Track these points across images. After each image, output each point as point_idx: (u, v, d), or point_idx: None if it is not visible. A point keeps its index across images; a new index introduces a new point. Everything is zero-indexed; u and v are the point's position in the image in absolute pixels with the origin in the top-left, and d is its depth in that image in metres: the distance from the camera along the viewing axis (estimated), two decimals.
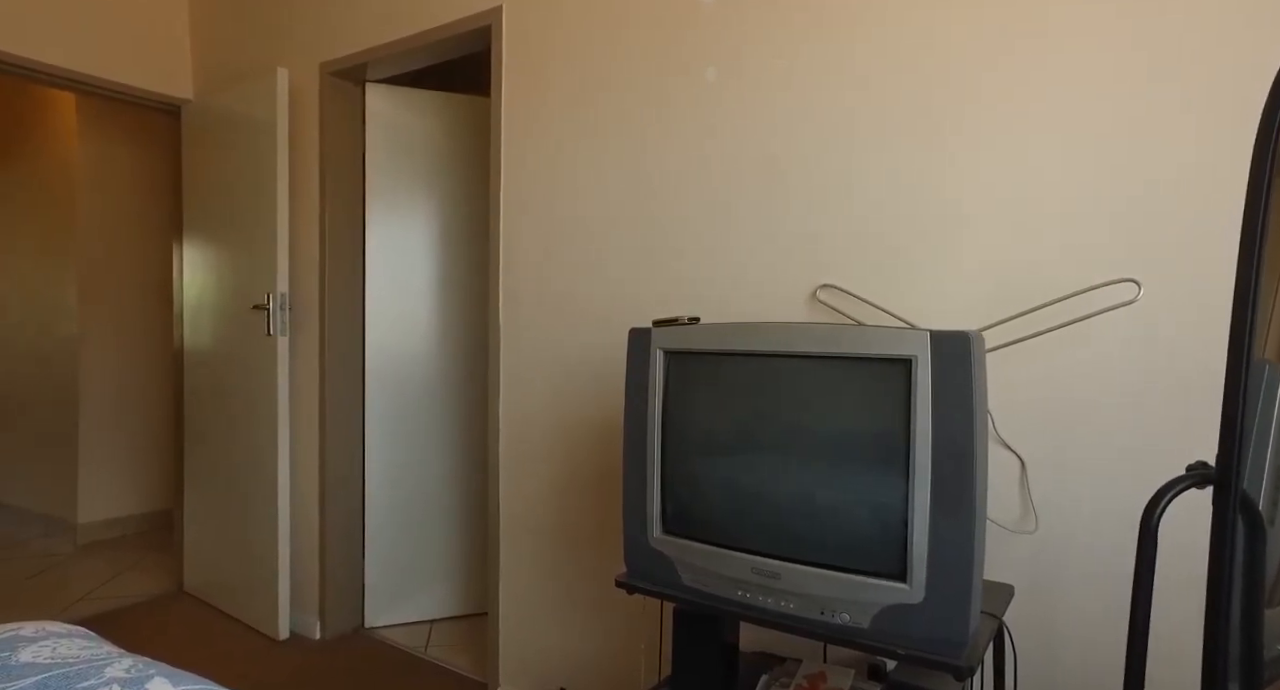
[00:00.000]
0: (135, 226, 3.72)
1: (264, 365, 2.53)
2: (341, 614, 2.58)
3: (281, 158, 2.44)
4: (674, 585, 1.30)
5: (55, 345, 3.63)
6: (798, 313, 1.60)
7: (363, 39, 2.40)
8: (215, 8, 2.86)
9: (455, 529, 2.73)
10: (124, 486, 3.68)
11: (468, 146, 2.72)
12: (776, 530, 1.16)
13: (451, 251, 2.71)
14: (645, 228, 1.81)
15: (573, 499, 1.96)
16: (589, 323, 1.92)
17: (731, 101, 1.68)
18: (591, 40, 1.90)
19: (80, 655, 1.06)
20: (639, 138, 1.82)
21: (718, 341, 1.24)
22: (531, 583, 2.05)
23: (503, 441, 2.09)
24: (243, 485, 2.63)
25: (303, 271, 2.57)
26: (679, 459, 1.31)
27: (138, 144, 3.71)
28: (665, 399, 1.34)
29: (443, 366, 2.70)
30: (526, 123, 2.03)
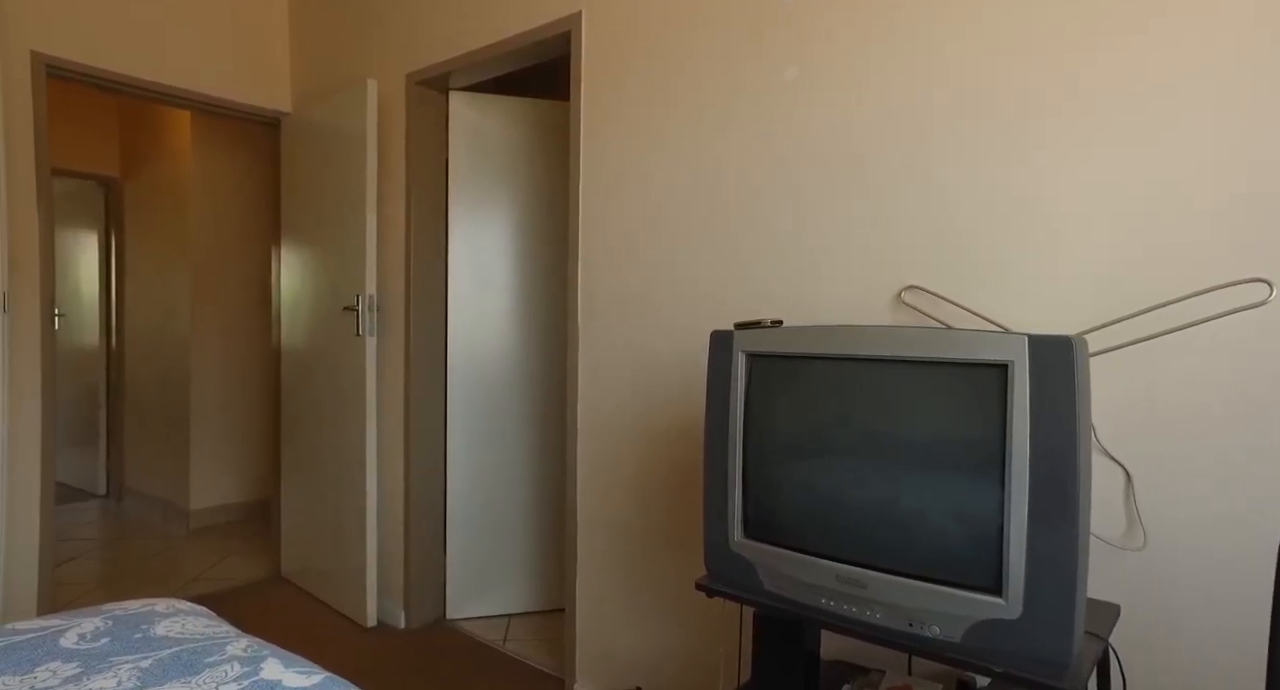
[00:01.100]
0: (239, 233, 3.97)
1: (353, 364, 2.65)
2: (425, 605, 2.67)
3: (371, 165, 2.55)
4: (755, 590, 1.29)
5: (171, 344, 3.92)
6: (881, 315, 1.55)
7: (446, 49, 2.48)
8: (311, 27, 3.02)
9: (533, 525, 2.79)
10: (229, 476, 3.93)
11: (544, 149, 2.78)
12: (862, 538, 1.13)
13: (529, 252, 2.77)
14: (724, 229, 1.80)
15: (650, 499, 1.97)
16: (666, 324, 1.92)
17: (812, 99, 1.64)
18: (669, 42, 1.90)
19: (204, 632, 1.14)
20: (717, 138, 1.81)
21: (803, 345, 1.22)
22: (608, 581, 2.07)
23: (580, 441, 2.12)
24: (333, 478, 2.77)
25: (390, 274, 2.68)
26: (761, 463, 1.29)
27: (242, 156, 3.96)
28: (747, 402, 1.33)
29: (521, 365, 2.76)
30: (604, 125, 2.05)
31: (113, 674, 1.00)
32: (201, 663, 1.04)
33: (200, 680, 0.99)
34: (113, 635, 1.13)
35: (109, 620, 1.18)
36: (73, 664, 1.03)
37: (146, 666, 1.03)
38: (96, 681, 0.98)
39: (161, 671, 1.01)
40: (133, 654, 1.07)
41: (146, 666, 1.03)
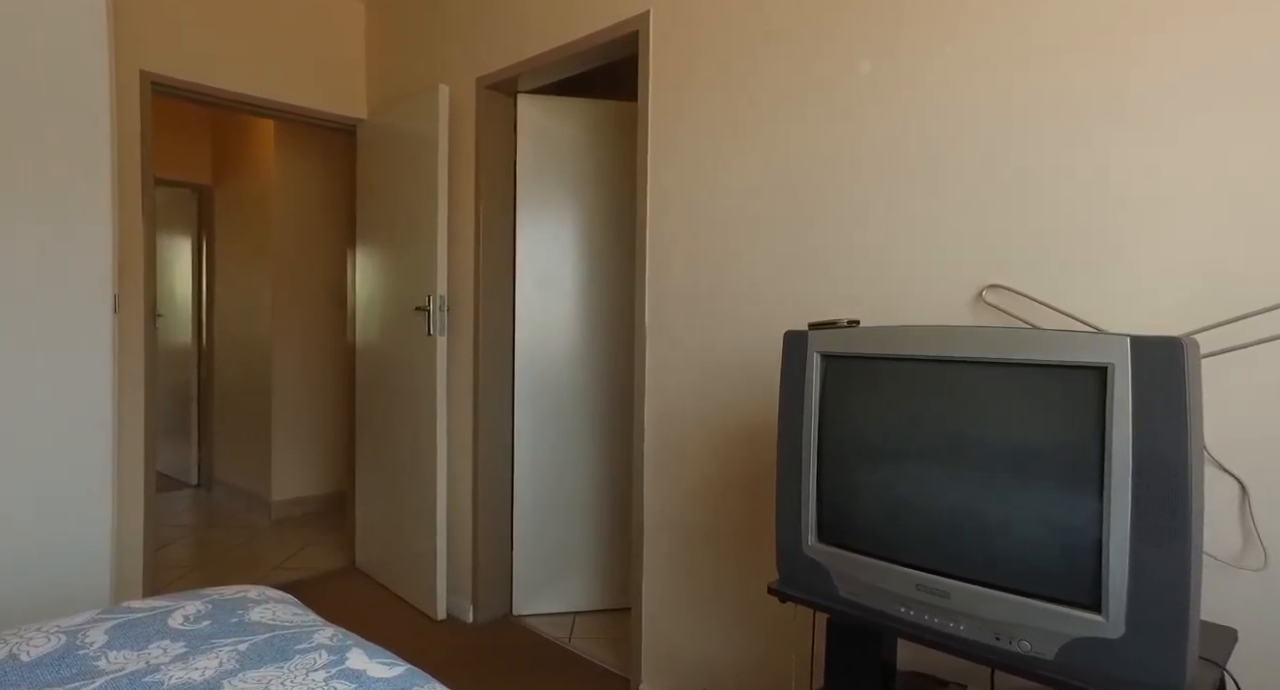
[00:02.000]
0: (317, 236, 4.15)
1: (424, 363, 2.73)
2: (492, 600, 2.73)
3: (442, 168, 2.62)
4: (830, 596, 1.26)
5: (255, 343, 4.13)
6: (960, 315, 1.50)
7: (515, 53, 2.52)
8: (386, 36, 3.12)
9: (597, 524, 2.81)
10: (307, 469, 4.11)
11: (610, 150, 2.79)
12: (945, 546, 1.09)
13: (595, 253, 2.79)
14: (795, 228, 1.77)
15: (718, 500, 1.95)
16: (736, 324, 1.90)
17: (887, 93, 1.60)
18: (737, 38, 1.88)
19: (293, 620, 1.19)
20: (789, 135, 1.78)
21: (881, 345, 1.18)
22: (675, 581, 2.06)
23: (648, 441, 2.13)
24: (405, 474, 2.85)
25: (459, 275, 2.75)
26: (836, 466, 1.27)
27: (321, 162, 4.13)
28: (822, 403, 1.30)
29: (587, 365, 2.79)
30: (672, 124, 2.05)
31: (214, 655, 1.06)
32: (292, 649, 1.09)
33: (291, 666, 1.03)
34: (213, 618, 1.19)
35: (209, 604, 1.25)
36: (179, 643, 1.10)
37: (244, 650, 1.08)
38: (200, 661, 1.04)
39: (257, 656, 1.06)
40: (231, 637, 1.13)
41: (244, 650, 1.08)
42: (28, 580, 1.79)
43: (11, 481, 1.77)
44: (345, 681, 0.99)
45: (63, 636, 1.10)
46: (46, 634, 1.11)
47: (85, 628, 1.13)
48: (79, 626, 1.14)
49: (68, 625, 1.14)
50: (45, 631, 1.11)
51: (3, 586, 1.75)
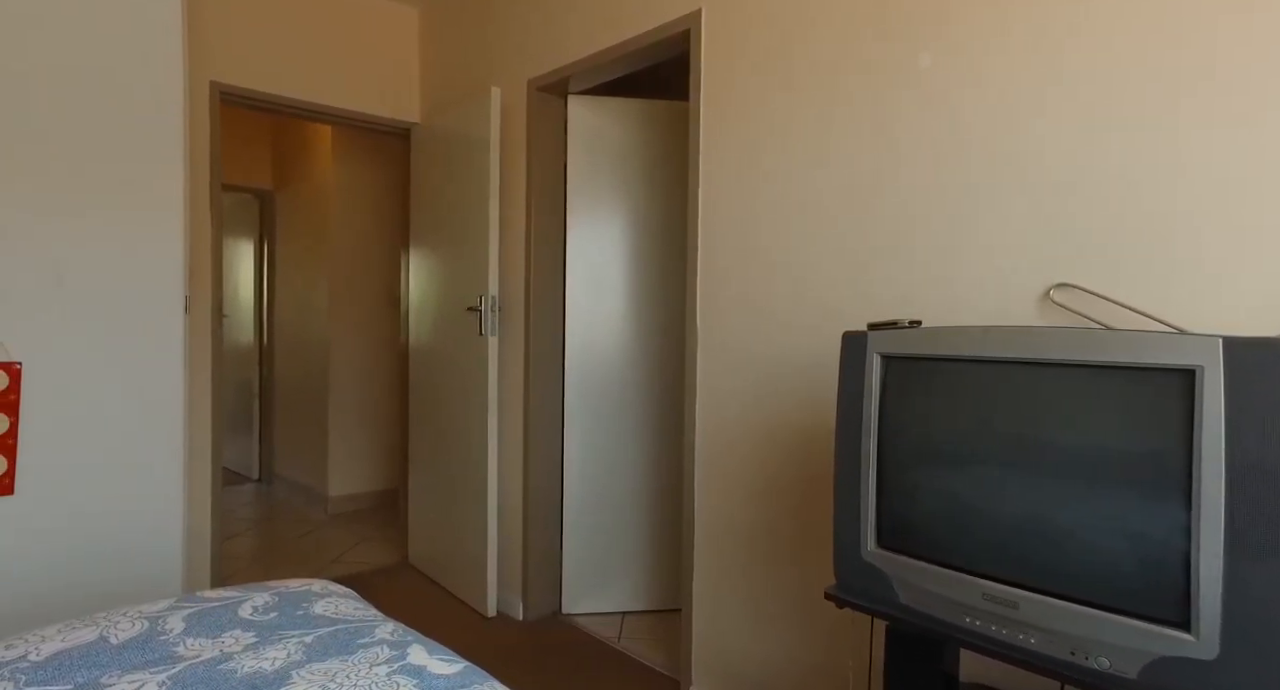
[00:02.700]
0: (373, 238, 4.25)
1: (476, 362, 2.76)
2: (542, 598, 2.75)
3: (494, 169, 2.66)
4: (890, 603, 1.23)
5: (312, 343, 4.26)
6: (1026, 316, 1.44)
7: (566, 54, 2.54)
8: (439, 41, 3.18)
9: (647, 524, 2.81)
10: (362, 466, 4.22)
11: (659, 149, 2.79)
12: (1015, 554, 1.05)
13: (645, 253, 2.79)
14: (851, 227, 1.74)
15: (771, 503, 1.93)
16: (789, 324, 1.87)
17: (948, 87, 1.55)
18: (791, 34, 1.85)
19: (355, 614, 1.22)
20: (844, 132, 1.75)
21: (946, 346, 1.15)
22: (726, 583, 2.05)
23: (699, 442, 2.11)
24: (457, 471, 2.90)
25: (510, 275, 2.78)
26: (897, 470, 1.23)
27: (376, 165, 4.24)
28: (882, 405, 1.27)
29: (636, 365, 2.79)
30: (724, 123, 2.03)
31: (283, 646, 1.09)
32: (355, 643, 1.11)
33: (355, 660, 1.06)
34: (279, 610, 1.23)
35: (276, 596, 1.29)
36: (250, 633, 1.13)
37: (309, 642, 1.11)
38: (270, 651, 1.07)
39: (322, 648, 1.09)
40: (297, 629, 1.16)
41: (309, 642, 1.11)
42: (107, 566, 1.88)
43: (91, 474, 1.86)
44: (407, 677, 1.00)
45: (145, 622, 1.15)
46: (131, 619, 1.16)
47: (165, 615, 1.18)
48: (159, 613, 1.19)
49: (149, 611, 1.19)
50: (130, 616, 1.17)
51: (85, 573, 1.84)
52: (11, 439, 1.75)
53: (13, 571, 1.76)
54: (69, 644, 1.07)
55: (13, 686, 0.97)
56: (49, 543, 1.80)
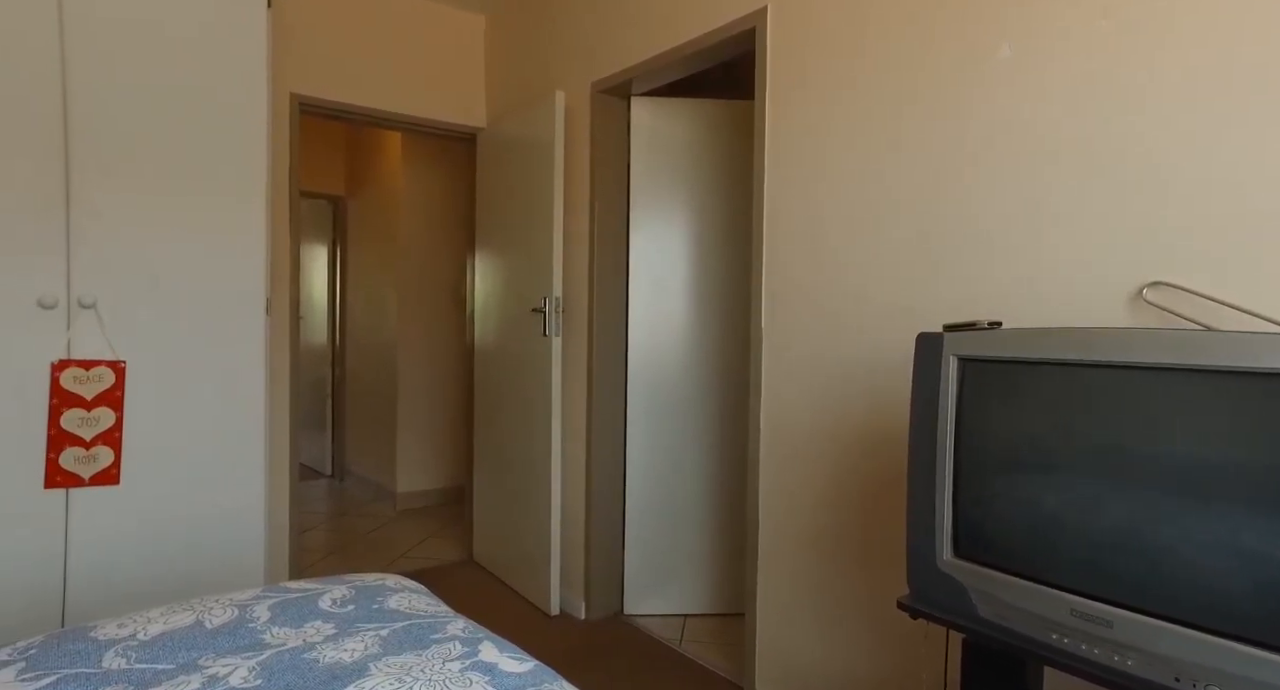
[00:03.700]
0: (440, 241, 4.37)
1: (540, 363, 2.80)
2: (604, 598, 2.77)
3: (558, 171, 2.69)
4: (967, 616, 1.18)
5: (382, 343, 4.40)
6: (1116, 316, 1.37)
7: (629, 56, 2.55)
8: (504, 46, 3.24)
9: (710, 526, 2.79)
10: (429, 463, 4.34)
11: (722, 149, 2.77)
12: (1108, 570, 0.99)
13: (709, 253, 2.77)
14: (925, 226, 1.68)
15: (838, 508, 1.89)
16: (858, 326, 1.83)
17: (1030, 79, 1.48)
18: (860, 28, 1.81)
19: (427, 609, 1.25)
20: (917, 128, 1.69)
21: (1030, 349, 1.10)
22: (792, 589, 2.01)
23: (763, 445, 2.08)
24: (521, 470, 2.95)
25: (574, 277, 2.81)
26: (975, 476, 1.19)
27: (443, 170, 4.35)
28: (959, 410, 1.23)
29: (700, 367, 2.77)
30: (790, 121, 2.00)
31: (360, 639, 1.13)
32: (429, 638, 1.14)
33: (429, 654, 1.08)
34: (356, 603, 1.27)
35: (352, 589, 1.33)
36: (330, 624, 1.18)
37: (385, 636, 1.14)
38: (349, 643, 1.11)
39: (398, 642, 1.12)
40: (373, 623, 1.20)
41: (385, 636, 1.14)
42: (197, 553, 1.98)
43: (183, 467, 1.97)
44: (479, 674, 1.02)
45: (235, 609, 1.21)
46: (224, 606, 1.22)
47: (252, 603, 1.24)
48: (247, 601, 1.24)
49: (239, 599, 1.25)
50: (222, 603, 1.23)
51: (179, 559, 1.95)
52: (118, 432, 1.87)
53: (120, 554, 1.88)
54: (170, 627, 1.14)
55: (125, 662, 1.04)
56: (149, 530, 1.92)
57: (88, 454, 1.86)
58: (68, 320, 1.82)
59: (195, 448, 1.98)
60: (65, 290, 1.81)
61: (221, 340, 2.03)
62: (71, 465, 1.83)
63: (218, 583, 2.02)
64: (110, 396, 1.89)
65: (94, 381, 1.88)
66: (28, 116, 1.76)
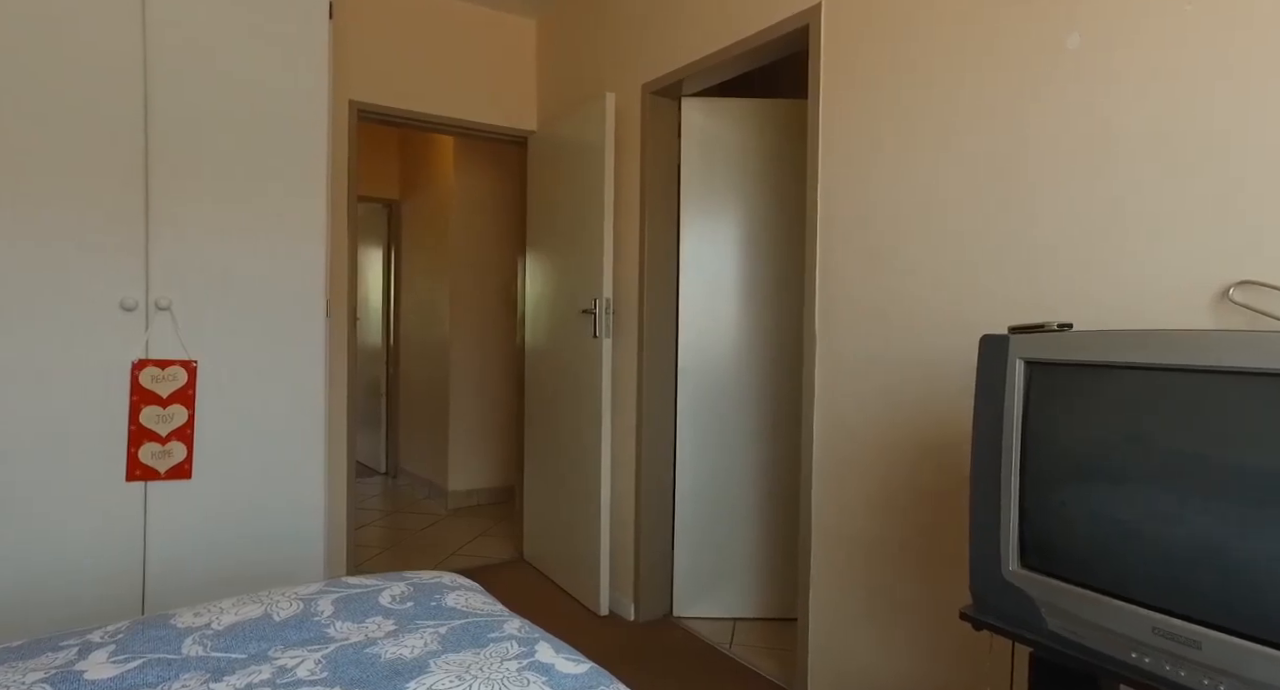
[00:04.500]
0: (491, 244, 4.44)
1: (590, 364, 2.82)
2: (653, 600, 2.76)
3: (608, 173, 2.70)
4: (1035, 629, 1.14)
5: (434, 344, 4.49)
6: (1198, 317, 1.30)
7: (679, 57, 2.54)
8: (555, 50, 3.27)
9: (760, 530, 2.76)
10: (480, 463, 4.41)
11: (774, 149, 2.73)
12: (1196, 587, 0.94)
13: (760, 253, 2.74)
14: (988, 225, 1.63)
15: (895, 514, 1.84)
16: (915, 328, 1.78)
17: (1100, 70, 1.42)
18: (918, 20, 1.76)
19: (484, 608, 1.26)
20: (976, 123, 1.64)
21: (1106, 352, 1.05)
22: (846, 595, 1.97)
23: (816, 448, 2.05)
24: (571, 470, 2.97)
25: (625, 278, 2.81)
26: (1043, 484, 1.14)
27: (494, 173, 4.42)
28: (1026, 415, 1.18)
29: (751, 369, 2.75)
30: (844, 120, 1.96)
31: (419, 635, 1.15)
32: (486, 637, 1.15)
33: (487, 653, 1.09)
34: (415, 600, 1.30)
35: (411, 586, 1.36)
36: (390, 621, 1.20)
37: (444, 633, 1.16)
38: (409, 640, 1.13)
39: (455, 640, 1.14)
40: (431, 620, 1.22)
41: (444, 633, 1.16)
42: (261, 547, 2.06)
43: (248, 463, 2.04)
44: (536, 674, 1.03)
45: (300, 603, 1.25)
46: (290, 599, 1.26)
47: (316, 597, 1.27)
48: (311, 595, 1.28)
49: (303, 593, 1.29)
50: (288, 597, 1.27)
51: (244, 551, 2.03)
52: (190, 429, 1.95)
53: (191, 545, 1.96)
54: (241, 617, 1.18)
55: (202, 650, 1.08)
56: (216, 522, 2.00)
57: (163, 449, 1.94)
58: (146, 322, 1.91)
59: (259, 444, 2.05)
60: (144, 293, 1.90)
61: (284, 341, 2.10)
62: (149, 460, 1.91)
63: (279, 575, 2.09)
64: (183, 394, 1.97)
65: (169, 380, 1.96)
66: (115, 136, 1.86)
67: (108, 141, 1.85)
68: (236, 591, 2.03)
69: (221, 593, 1.99)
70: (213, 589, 1.99)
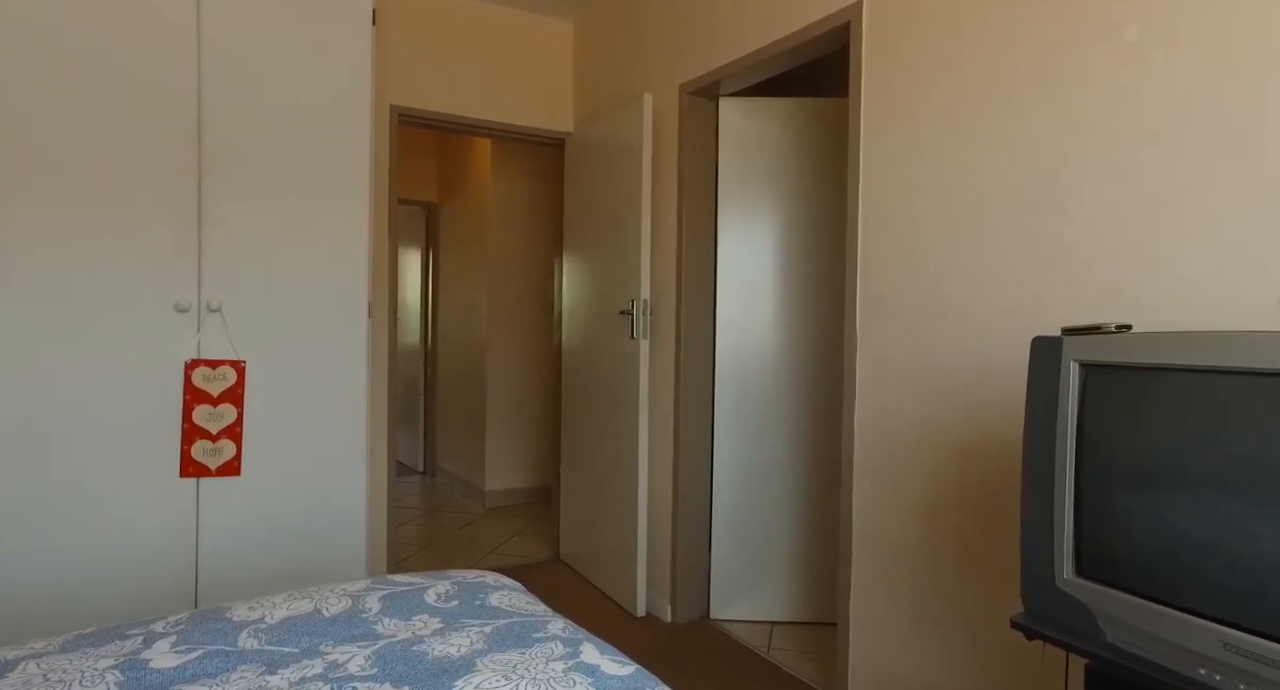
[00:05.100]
0: (528, 245, 4.47)
1: (627, 365, 2.82)
2: (690, 601, 2.75)
3: (646, 174, 2.70)
4: (1093, 641, 1.10)
5: (471, 345, 4.54)
6: (1260, 319, 1.25)
7: (717, 57, 2.53)
8: (592, 52, 3.28)
9: (799, 533, 2.73)
10: (517, 462, 4.44)
11: (812, 148, 2.70)
12: (1271, 601, 0.90)
13: (798, 254, 2.71)
14: (1037, 222, 1.59)
15: (938, 518, 1.81)
16: (960, 329, 1.75)
17: (1164, 62, 1.37)
18: (963, 16, 1.73)
19: (527, 608, 1.27)
20: (1026, 119, 1.60)
21: (1169, 354, 1.01)
22: (888, 600, 1.94)
23: (857, 451, 2.02)
24: (607, 471, 2.97)
25: (662, 279, 2.81)
26: (1101, 491, 1.11)
27: (531, 175, 4.46)
28: (1081, 418, 1.15)
29: (790, 368, 2.72)
30: (886, 117, 1.93)
31: (465, 634, 1.16)
32: (531, 637, 1.16)
33: (532, 653, 1.10)
34: (459, 599, 1.31)
35: (455, 585, 1.37)
36: (436, 619, 1.22)
37: (489, 632, 1.17)
38: (455, 638, 1.14)
39: (500, 639, 1.15)
40: (476, 619, 1.23)
41: (489, 632, 1.17)
42: (306, 543, 2.10)
43: (294, 461, 2.09)
44: (582, 675, 1.03)
45: (349, 600, 1.27)
46: (338, 596, 1.28)
47: (364, 594, 1.30)
48: (359, 592, 1.30)
49: (351, 590, 1.31)
50: (337, 593, 1.29)
51: (290, 547, 2.07)
52: (239, 427, 2.00)
53: (239, 539, 2.02)
54: (293, 613, 1.21)
55: (257, 643, 1.11)
56: (263, 518, 2.05)
57: (214, 446, 2.00)
58: (198, 323, 1.96)
59: (304, 442, 2.10)
60: (197, 295, 1.96)
61: (328, 341, 2.14)
62: (201, 456, 1.97)
63: (323, 570, 2.13)
64: (233, 393, 2.03)
65: (219, 379, 2.01)
66: (171, 144, 1.92)
67: (164, 149, 1.91)
68: (283, 586, 2.07)
69: (268, 587, 2.04)
70: (260, 583, 2.04)
